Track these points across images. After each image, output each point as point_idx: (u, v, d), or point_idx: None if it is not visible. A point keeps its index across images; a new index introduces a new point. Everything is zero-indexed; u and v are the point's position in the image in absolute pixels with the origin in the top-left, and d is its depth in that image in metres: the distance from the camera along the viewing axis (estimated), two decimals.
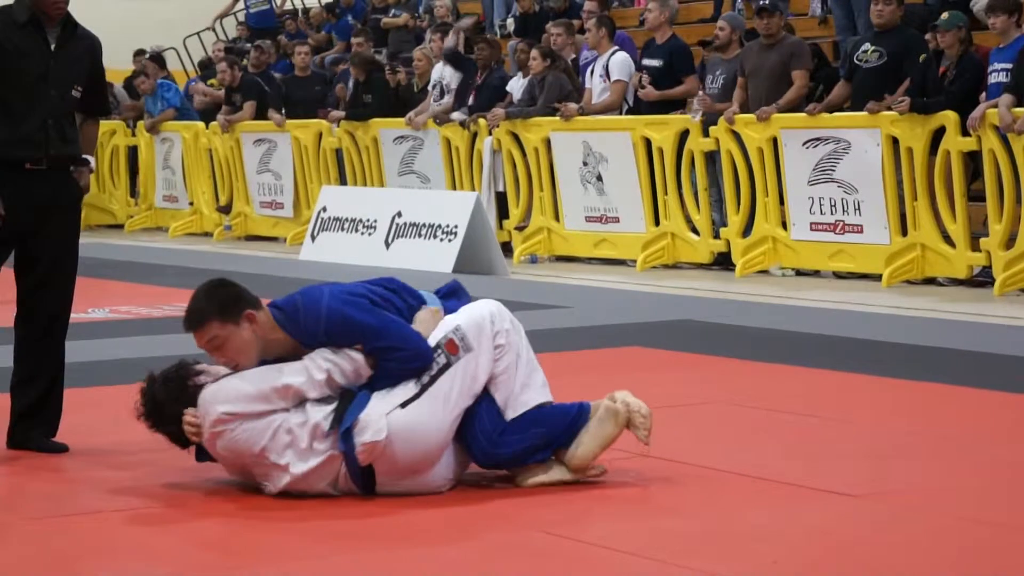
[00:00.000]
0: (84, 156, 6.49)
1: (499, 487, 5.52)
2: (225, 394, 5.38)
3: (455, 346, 5.48)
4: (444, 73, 16.27)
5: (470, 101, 15.72)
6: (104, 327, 10.37)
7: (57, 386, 6.38)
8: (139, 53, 21.03)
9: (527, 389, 5.51)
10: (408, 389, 5.42)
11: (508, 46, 18.10)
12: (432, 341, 5.49)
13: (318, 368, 5.40)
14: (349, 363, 5.42)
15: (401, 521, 5.15)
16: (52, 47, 6.30)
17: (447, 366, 5.45)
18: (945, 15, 12.23)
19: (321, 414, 5.37)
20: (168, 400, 5.48)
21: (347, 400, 5.40)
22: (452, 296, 5.76)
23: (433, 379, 5.44)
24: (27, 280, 6.39)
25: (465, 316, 5.56)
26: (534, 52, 15.02)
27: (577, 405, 5.56)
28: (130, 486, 5.62)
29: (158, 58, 20.71)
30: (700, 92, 13.82)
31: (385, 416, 5.35)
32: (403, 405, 5.40)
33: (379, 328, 5.43)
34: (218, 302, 5.48)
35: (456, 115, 15.68)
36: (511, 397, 5.48)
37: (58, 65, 6.30)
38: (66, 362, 6.46)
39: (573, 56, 15.66)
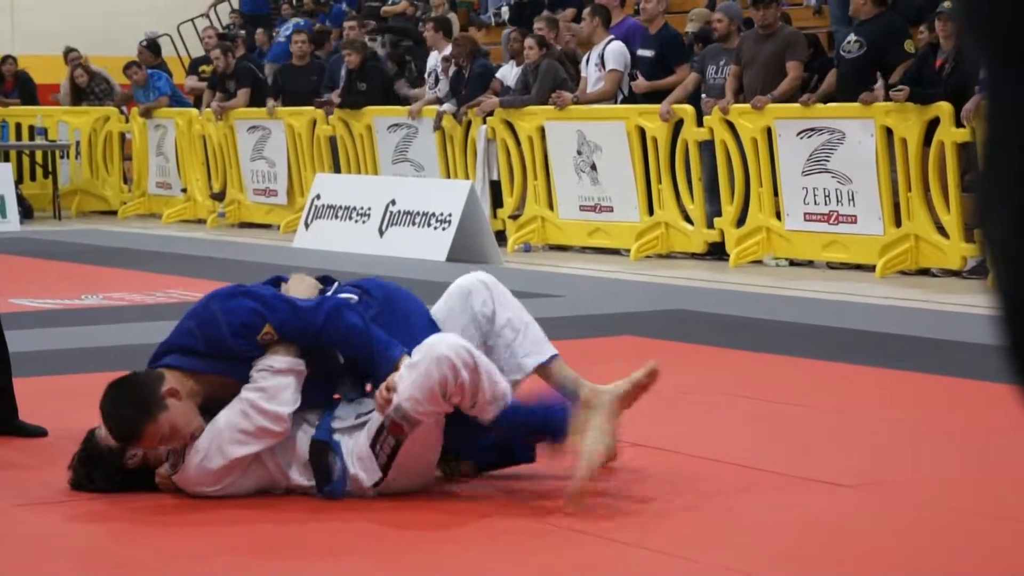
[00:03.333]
0: None
1: (495, 479, 5.51)
2: (199, 478, 5.20)
3: (399, 428, 5.16)
4: (439, 62, 16.27)
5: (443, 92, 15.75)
6: (97, 313, 10.35)
7: (8, 366, 6.35)
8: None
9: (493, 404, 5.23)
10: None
11: (502, 35, 18.08)
12: (375, 424, 5.20)
13: (254, 409, 5.16)
14: (272, 374, 5.20)
15: (399, 514, 5.15)
16: None
17: (398, 444, 5.18)
18: (948, 3, 12.23)
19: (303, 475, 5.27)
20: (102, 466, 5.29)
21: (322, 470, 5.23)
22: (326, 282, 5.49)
23: (393, 454, 5.19)
24: None
25: (411, 381, 5.08)
26: (529, 41, 15.01)
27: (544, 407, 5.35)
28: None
29: (153, 46, 20.68)
30: (703, 97, 13.77)
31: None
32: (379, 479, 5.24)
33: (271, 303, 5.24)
34: (133, 405, 5.14)
35: (447, 107, 15.67)
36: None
37: None
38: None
39: (572, 46, 15.66)
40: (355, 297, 5.38)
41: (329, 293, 5.42)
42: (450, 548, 4.77)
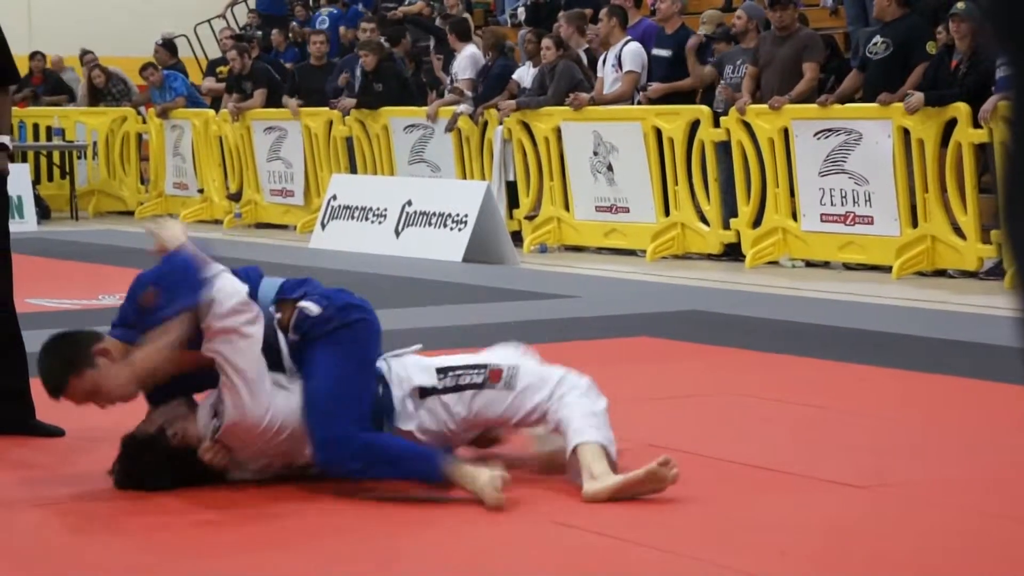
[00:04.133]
0: (2, 139, 6.42)
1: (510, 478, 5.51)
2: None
3: (499, 376, 5.42)
4: (458, 64, 16.28)
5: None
6: (114, 313, 10.33)
7: (26, 366, 6.39)
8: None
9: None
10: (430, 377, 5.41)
11: (518, 35, 18.07)
12: (485, 360, 5.46)
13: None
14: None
15: (407, 513, 5.15)
16: None
17: (477, 387, 5.41)
18: (961, 3, 12.20)
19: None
20: (148, 472, 5.33)
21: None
22: (292, 288, 5.44)
23: (457, 389, 5.41)
24: None
25: (534, 365, 5.48)
26: (546, 41, 15.00)
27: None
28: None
29: (170, 45, 20.72)
30: (721, 83, 13.79)
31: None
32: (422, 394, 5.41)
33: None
34: (62, 357, 5.26)
35: (464, 107, 15.68)
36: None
37: None
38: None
39: (586, 47, 15.64)
40: (317, 308, 5.32)
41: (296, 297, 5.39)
42: (450, 542, 4.77)
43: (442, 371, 5.44)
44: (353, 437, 5.18)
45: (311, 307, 5.32)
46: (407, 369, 5.44)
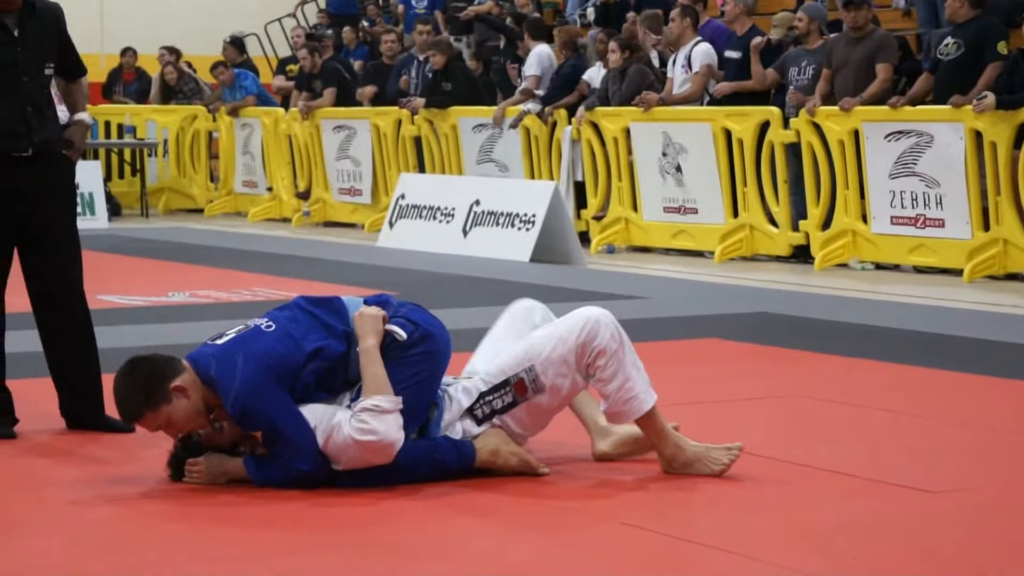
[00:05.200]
0: (79, 115, 6.54)
1: (578, 479, 5.51)
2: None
3: (524, 387, 5.45)
4: (528, 62, 16.28)
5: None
6: (183, 311, 10.44)
7: (97, 362, 6.46)
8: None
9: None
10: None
11: (588, 35, 18.05)
12: (504, 374, 5.46)
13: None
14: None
15: (475, 513, 5.15)
16: (15, 33, 6.29)
17: (512, 404, 5.48)
18: None
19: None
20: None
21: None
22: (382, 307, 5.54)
23: (494, 414, 5.48)
24: (32, 265, 6.39)
25: (550, 349, 5.43)
26: (612, 45, 14.96)
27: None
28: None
29: (238, 43, 20.83)
30: (791, 88, 13.70)
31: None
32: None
33: (281, 433, 5.28)
34: (141, 390, 5.31)
35: (531, 105, 15.67)
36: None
37: (25, 51, 6.30)
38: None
39: (658, 48, 15.61)
40: (404, 335, 5.43)
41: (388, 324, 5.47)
42: (520, 545, 4.76)
43: (477, 400, 5.52)
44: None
45: (398, 331, 5.45)
46: (459, 393, 5.55)
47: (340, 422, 5.29)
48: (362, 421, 5.25)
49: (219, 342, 5.43)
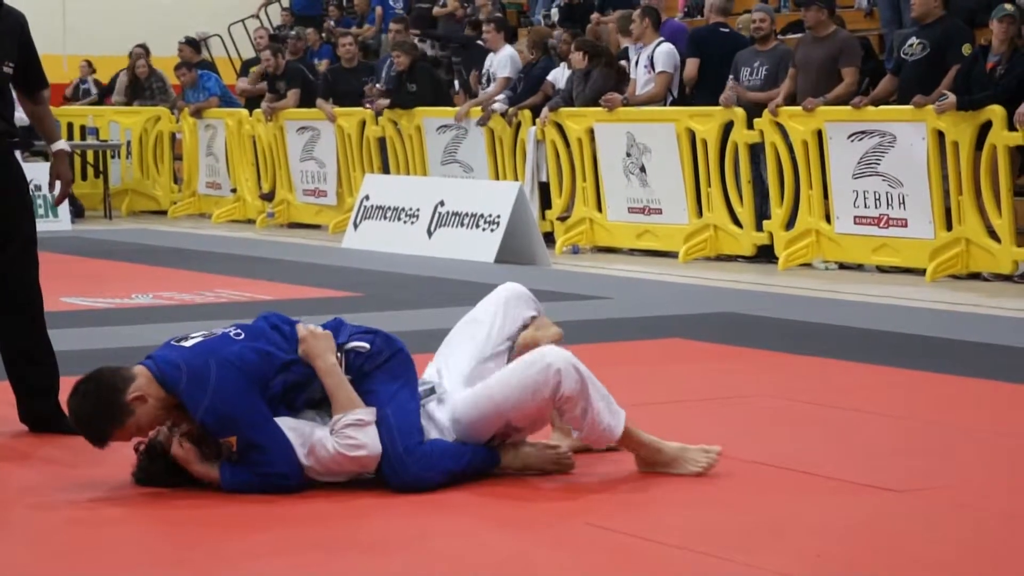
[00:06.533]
0: (57, 145, 6.52)
1: (545, 479, 5.51)
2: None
3: (506, 435, 5.54)
4: (493, 62, 16.28)
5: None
6: (147, 312, 10.40)
7: (54, 364, 6.45)
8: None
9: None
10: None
11: (553, 36, 18.06)
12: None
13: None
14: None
15: (438, 520, 5.15)
16: None
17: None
18: (1009, 5, 12.12)
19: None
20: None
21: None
22: (335, 332, 5.48)
23: None
24: None
25: (518, 402, 5.42)
26: (575, 48, 14.97)
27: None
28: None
29: (193, 43, 20.74)
30: (730, 81, 13.74)
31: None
32: None
33: (257, 439, 5.25)
34: (102, 412, 5.26)
35: (498, 105, 15.67)
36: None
37: None
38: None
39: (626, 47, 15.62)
40: (367, 346, 5.44)
41: (340, 340, 5.45)
42: (486, 545, 4.76)
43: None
44: (427, 451, 5.37)
45: (361, 345, 5.46)
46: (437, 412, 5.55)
47: (322, 438, 5.29)
48: (348, 437, 5.26)
49: (185, 344, 5.40)
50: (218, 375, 5.23)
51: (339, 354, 5.42)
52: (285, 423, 5.33)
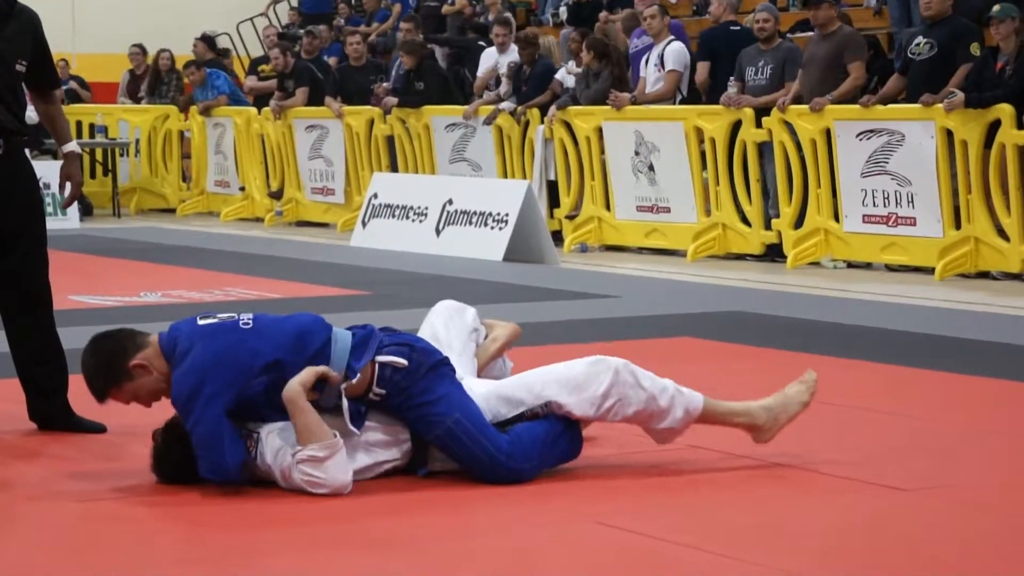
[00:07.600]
0: (68, 147, 6.58)
1: (554, 478, 5.51)
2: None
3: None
4: (500, 62, 16.28)
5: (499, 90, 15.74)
6: (156, 311, 10.41)
7: (64, 364, 6.47)
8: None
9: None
10: None
11: (561, 35, 18.07)
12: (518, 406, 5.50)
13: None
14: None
15: (452, 513, 5.15)
16: None
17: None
18: (997, 7, 12.12)
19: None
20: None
21: None
22: (363, 345, 5.42)
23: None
24: (5, 265, 6.38)
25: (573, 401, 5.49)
26: (585, 47, 14.96)
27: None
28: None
29: (209, 40, 20.77)
30: (731, 80, 13.73)
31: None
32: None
33: (198, 435, 5.23)
34: (103, 369, 5.40)
35: (505, 105, 15.67)
36: None
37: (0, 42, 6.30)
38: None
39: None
40: (404, 362, 5.37)
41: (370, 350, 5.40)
42: (496, 543, 4.77)
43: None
44: (510, 443, 5.40)
45: (398, 361, 5.39)
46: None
47: (292, 464, 5.27)
48: (304, 473, 5.25)
49: (201, 323, 5.44)
50: (195, 357, 5.27)
51: (371, 364, 5.35)
52: (275, 425, 5.32)
